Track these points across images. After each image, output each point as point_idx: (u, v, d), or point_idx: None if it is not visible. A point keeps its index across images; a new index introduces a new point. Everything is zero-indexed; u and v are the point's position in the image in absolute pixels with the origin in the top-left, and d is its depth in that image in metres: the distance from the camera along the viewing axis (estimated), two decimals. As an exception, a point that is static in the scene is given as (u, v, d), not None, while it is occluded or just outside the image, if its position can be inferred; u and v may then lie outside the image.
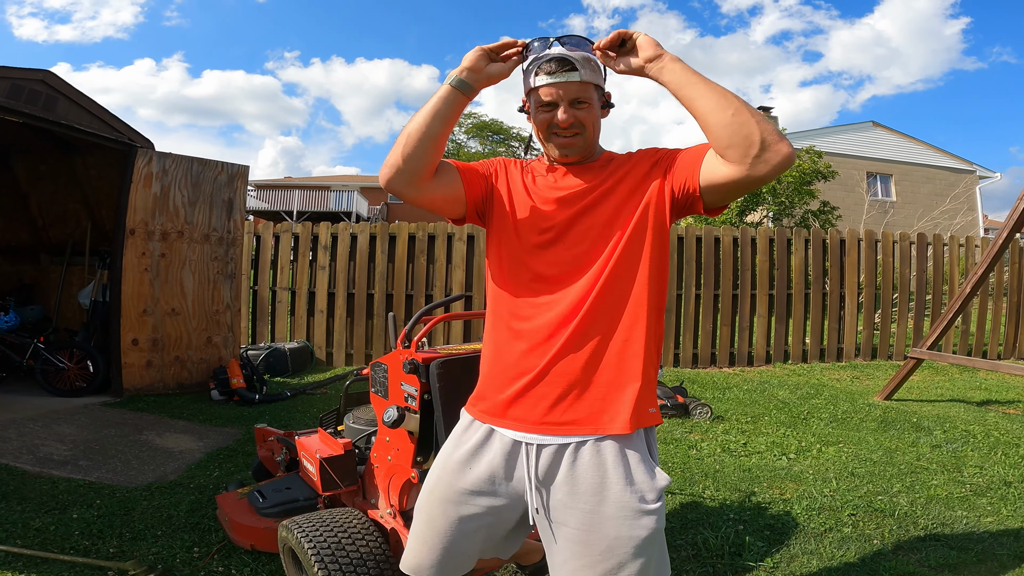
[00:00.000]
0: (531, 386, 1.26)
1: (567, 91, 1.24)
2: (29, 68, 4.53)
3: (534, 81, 1.26)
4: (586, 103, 1.26)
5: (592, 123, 1.28)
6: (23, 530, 2.57)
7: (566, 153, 1.30)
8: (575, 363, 1.23)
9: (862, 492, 3.16)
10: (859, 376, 6.63)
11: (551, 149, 1.31)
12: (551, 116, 1.26)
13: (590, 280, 1.24)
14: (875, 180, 19.15)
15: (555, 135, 1.28)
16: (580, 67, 1.23)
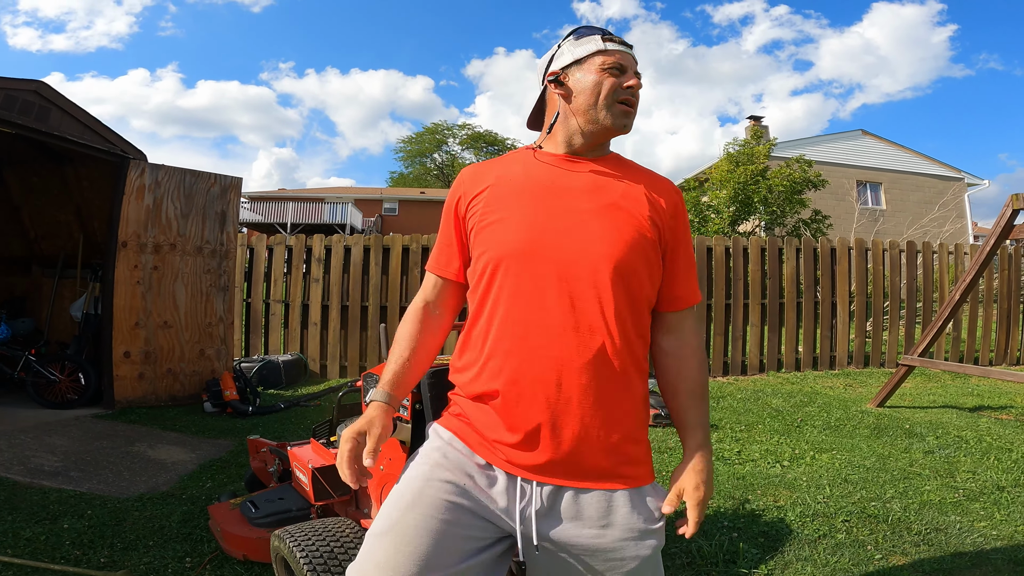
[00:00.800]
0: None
1: (632, 62, 1.22)
2: (22, 78, 4.50)
3: (604, 45, 1.20)
4: (639, 78, 1.23)
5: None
6: (13, 540, 2.55)
7: (625, 123, 1.20)
8: (594, 401, 1.17)
9: (855, 498, 3.17)
10: (852, 384, 6.66)
11: (611, 116, 1.19)
12: (619, 80, 1.19)
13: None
14: (865, 188, 19.34)
15: (621, 101, 1.19)
16: (633, 49, 1.25)
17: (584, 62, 1.21)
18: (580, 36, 1.23)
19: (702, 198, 14.34)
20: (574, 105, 1.21)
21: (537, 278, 1.11)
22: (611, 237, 1.13)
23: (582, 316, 1.10)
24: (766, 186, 13.28)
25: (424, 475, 1.15)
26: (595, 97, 1.18)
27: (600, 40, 1.21)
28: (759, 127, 17.10)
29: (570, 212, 1.15)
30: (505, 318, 1.14)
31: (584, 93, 1.19)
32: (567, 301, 1.10)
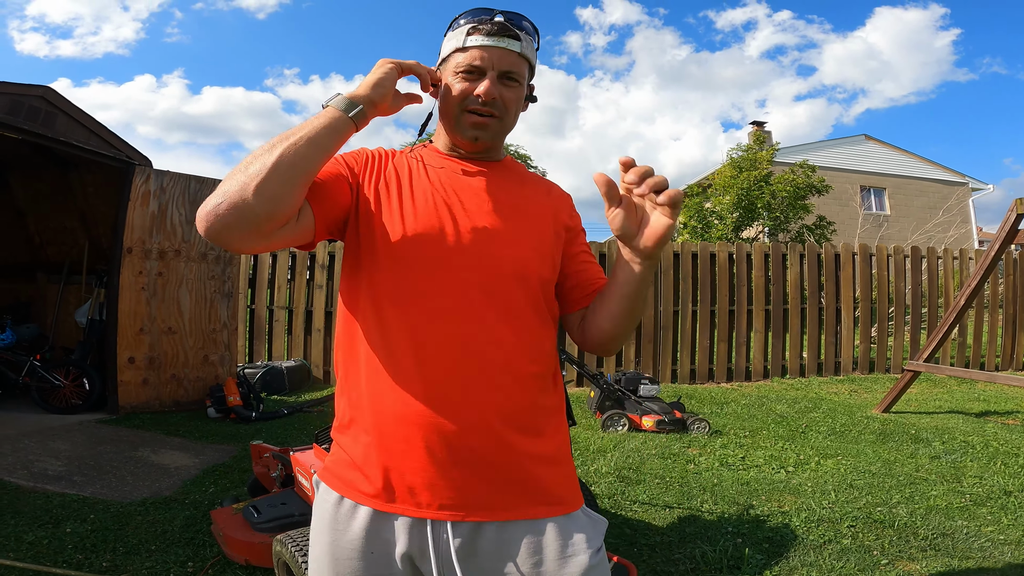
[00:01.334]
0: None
1: (501, 60, 1.03)
2: (29, 84, 4.52)
3: (464, 40, 1.04)
4: (517, 81, 1.05)
5: (515, 107, 1.08)
6: (16, 543, 2.55)
7: (476, 136, 1.05)
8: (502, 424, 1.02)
9: (861, 504, 3.15)
10: (857, 389, 6.63)
11: (459, 129, 1.06)
12: (472, 86, 1.03)
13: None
14: (869, 194, 19.30)
15: (469, 112, 1.04)
16: (522, 39, 1.05)
17: (447, 61, 1.07)
18: (454, 27, 1.07)
19: (705, 204, 14.34)
20: (440, 108, 1.10)
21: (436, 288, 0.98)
22: (514, 243, 1.04)
23: (490, 330, 0.98)
24: (769, 192, 13.28)
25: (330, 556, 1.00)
26: (446, 104, 1.06)
27: (464, 33, 1.04)
28: (762, 132, 17.13)
29: (467, 218, 1.03)
30: (399, 334, 0.97)
31: (443, 98, 1.08)
32: (470, 314, 0.97)
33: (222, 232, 0.86)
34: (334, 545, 0.99)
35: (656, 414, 4.75)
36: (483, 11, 1.06)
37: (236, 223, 0.85)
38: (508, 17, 1.05)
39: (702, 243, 7.52)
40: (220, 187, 0.87)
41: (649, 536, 2.78)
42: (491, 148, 1.11)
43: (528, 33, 1.07)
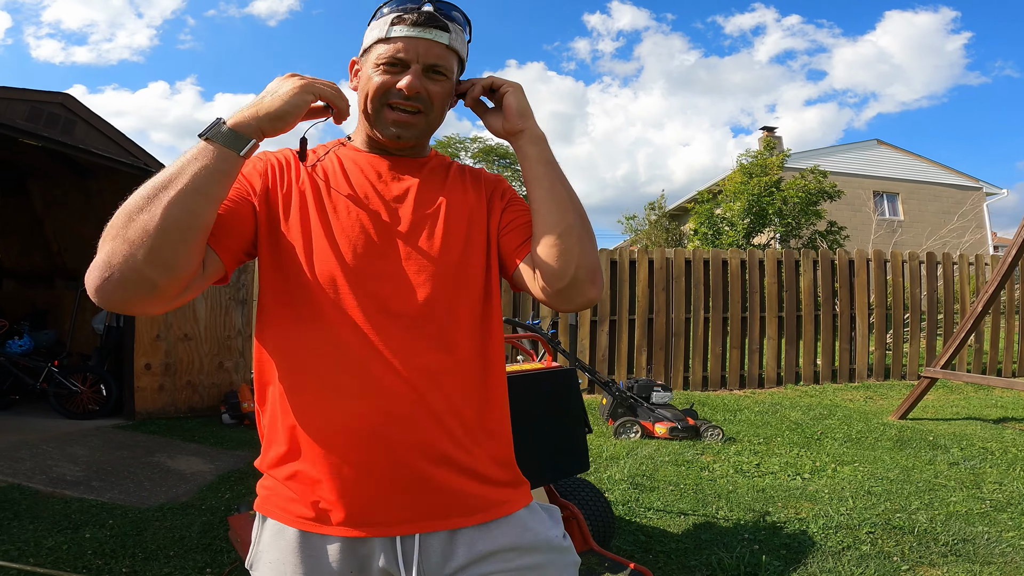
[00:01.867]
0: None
1: (427, 52, 0.94)
2: (48, 91, 4.57)
3: (387, 31, 0.94)
4: (444, 76, 0.97)
5: (441, 103, 0.99)
6: (36, 548, 2.58)
7: (398, 134, 0.97)
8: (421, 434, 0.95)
9: (880, 510, 3.11)
10: (872, 396, 6.57)
11: (379, 126, 0.97)
12: (394, 79, 0.94)
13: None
14: (882, 199, 19.15)
15: (390, 107, 0.95)
16: (451, 30, 0.96)
17: (368, 52, 0.98)
18: (378, 16, 0.98)
19: (716, 210, 14.28)
20: (359, 102, 1.01)
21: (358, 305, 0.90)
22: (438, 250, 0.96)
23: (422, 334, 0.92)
24: (780, 198, 13.21)
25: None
26: (371, 101, 0.97)
27: (388, 23, 0.95)
28: (772, 138, 17.07)
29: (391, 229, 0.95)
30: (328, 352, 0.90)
31: (360, 91, 1.00)
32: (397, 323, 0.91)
33: (123, 305, 0.80)
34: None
35: (669, 421, 4.72)
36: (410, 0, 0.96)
37: (135, 296, 0.78)
38: (437, 7, 0.96)
39: (714, 250, 7.50)
40: (100, 252, 0.77)
41: (664, 543, 2.77)
42: (415, 146, 1.02)
43: (459, 24, 0.99)
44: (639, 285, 7.15)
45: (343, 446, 0.89)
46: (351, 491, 0.89)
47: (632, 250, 7.40)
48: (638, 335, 7.10)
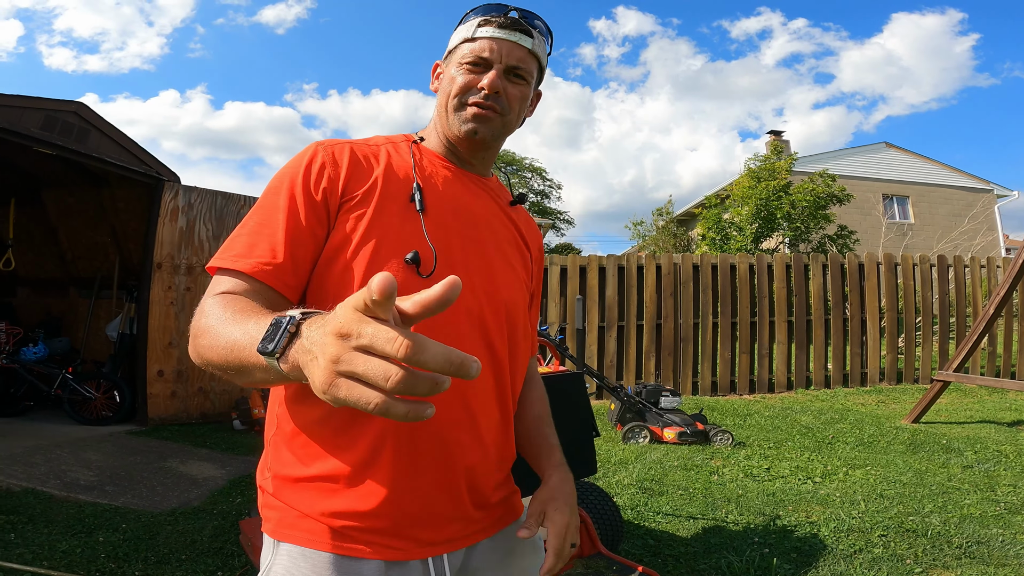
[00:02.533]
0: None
1: (510, 54, 0.96)
2: (62, 100, 4.61)
3: (474, 31, 0.96)
4: (524, 79, 0.98)
5: (519, 106, 0.99)
6: (50, 552, 2.60)
7: (476, 129, 0.95)
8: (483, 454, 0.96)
9: (892, 513, 3.09)
10: (885, 400, 6.51)
11: (456, 121, 0.97)
12: (477, 78, 0.95)
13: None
14: (892, 202, 19.01)
15: (468, 104, 0.96)
16: (534, 36, 0.99)
17: (454, 52, 1.00)
18: (464, 20, 1.00)
19: (724, 215, 14.25)
20: (438, 102, 1.01)
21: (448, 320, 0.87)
22: (511, 282, 0.98)
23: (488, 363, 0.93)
24: (789, 202, 13.16)
25: None
26: (445, 97, 0.98)
27: (475, 25, 0.97)
28: (779, 142, 17.04)
29: (482, 245, 0.96)
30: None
31: (441, 91, 1.00)
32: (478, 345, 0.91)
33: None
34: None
35: (678, 426, 4.71)
36: (497, 5, 0.99)
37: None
38: (523, 13, 0.99)
39: (722, 255, 7.49)
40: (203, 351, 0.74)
41: (673, 547, 2.76)
42: (489, 148, 1.02)
43: (541, 33, 1.01)
44: (647, 291, 7.14)
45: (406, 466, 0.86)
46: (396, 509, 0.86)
47: (640, 256, 7.39)
48: (646, 341, 7.08)
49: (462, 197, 0.97)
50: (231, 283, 0.81)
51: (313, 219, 0.86)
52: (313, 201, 0.87)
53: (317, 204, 0.87)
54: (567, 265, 7.12)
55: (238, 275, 0.82)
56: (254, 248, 0.83)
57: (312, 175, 0.88)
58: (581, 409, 2.06)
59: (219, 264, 0.84)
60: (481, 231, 0.97)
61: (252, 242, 0.84)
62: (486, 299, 0.93)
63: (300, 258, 0.85)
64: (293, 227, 0.85)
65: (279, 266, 0.83)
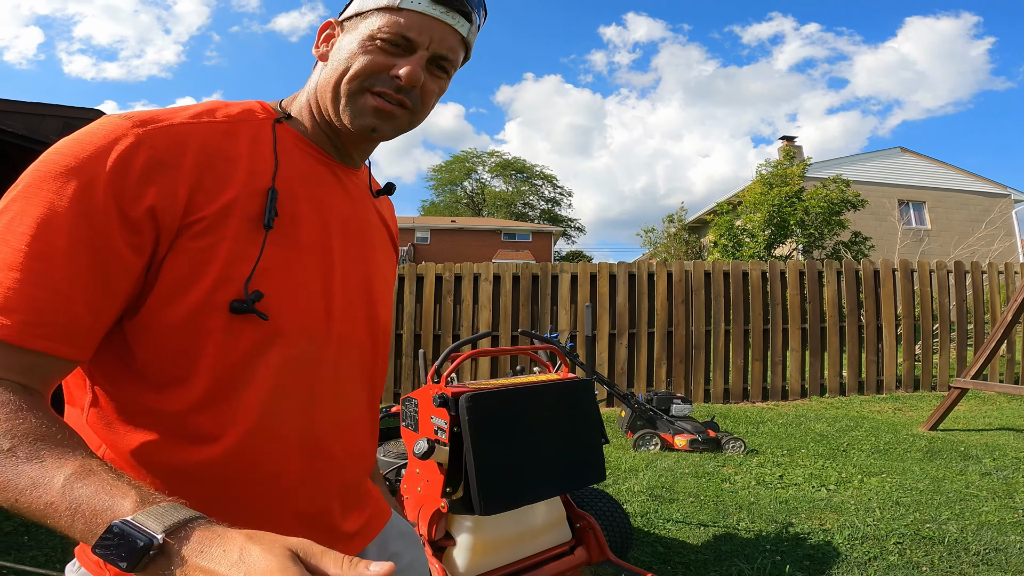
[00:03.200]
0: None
1: (442, 41, 0.77)
2: (81, 107, 4.74)
3: (400, 1, 0.75)
4: (447, 72, 0.81)
5: (432, 102, 0.81)
6: (62, 555, 2.62)
7: (373, 127, 0.77)
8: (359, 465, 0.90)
9: (908, 520, 3.03)
10: (901, 408, 6.40)
11: (351, 113, 0.77)
12: (390, 61, 0.75)
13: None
14: (907, 208, 18.81)
15: (372, 93, 0.76)
16: (472, 20, 0.80)
17: (363, 18, 0.77)
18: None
19: (736, 222, 14.17)
20: (320, 75, 0.80)
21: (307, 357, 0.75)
22: (378, 301, 0.87)
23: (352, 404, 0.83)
24: (802, 208, 13.07)
25: None
26: (339, 75, 0.76)
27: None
28: (792, 147, 16.96)
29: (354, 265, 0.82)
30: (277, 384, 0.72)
31: (334, 64, 0.78)
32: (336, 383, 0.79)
33: None
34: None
35: (689, 433, 4.66)
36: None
37: None
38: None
39: (734, 262, 7.44)
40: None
41: (684, 554, 2.72)
42: (374, 146, 0.86)
43: (480, 16, 0.83)
44: (658, 298, 7.11)
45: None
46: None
47: (651, 263, 7.37)
48: (657, 348, 7.04)
49: (329, 199, 0.80)
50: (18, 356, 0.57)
51: (126, 248, 0.62)
52: (128, 220, 0.62)
53: (135, 225, 0.62)
54: (577, 273, 7.12)
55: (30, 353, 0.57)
56: (24, 299, 0.57)
57: (130, 181, 0.62)
58: (590, 415, 2.05)
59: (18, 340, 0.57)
60: (347, 242, 0.81)
61: (22, 289, 0.57)
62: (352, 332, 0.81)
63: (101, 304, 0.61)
64: (92, 261, 0.60)
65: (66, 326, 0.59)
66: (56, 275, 0.58)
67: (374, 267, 0.87)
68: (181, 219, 0.65)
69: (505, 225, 33.75)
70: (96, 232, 0.60)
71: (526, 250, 32.22)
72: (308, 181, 0.78)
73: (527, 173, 43.93)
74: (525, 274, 7.09)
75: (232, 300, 0.66)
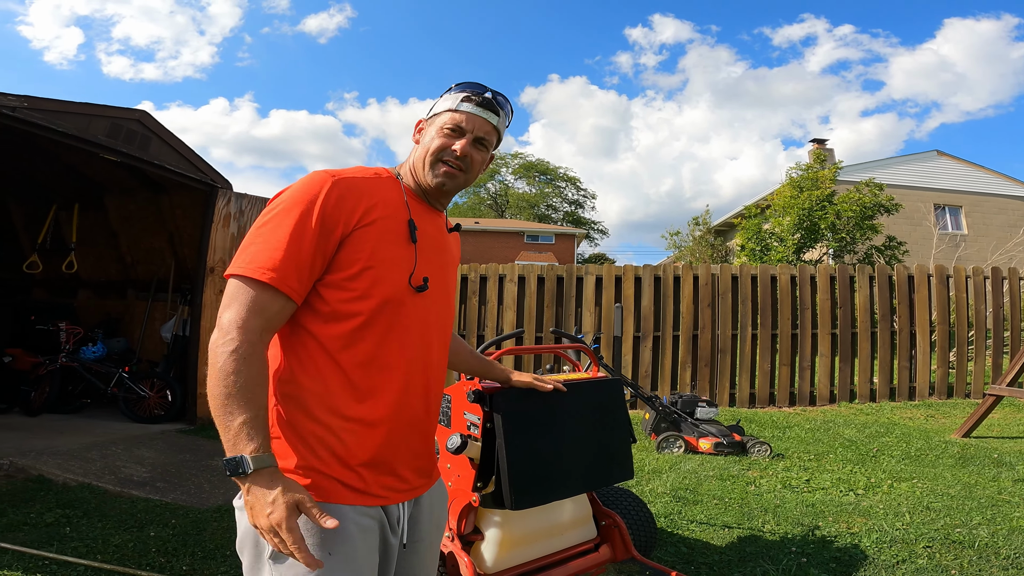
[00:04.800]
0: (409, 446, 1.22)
1: (479, 127, 1.25)
2: (127, 108, 4.78)
3: (457, 104, 1.25)
4: (486, 147, 1.29)
5: (478, 169, 1.28)
6: (103, 546, 2.72)
7: (443, 184, 1.25)
8: (434, 419, 1.29)
9: (938, 525, 2.99)
10: (934, 415, 6.27)
11: (428, 175, 1.25)
12: (451, 142, 1.24)
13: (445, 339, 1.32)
14: (943, 212, 18.32)
15: (442, 162, 1.24)
16: (500, 115, 1.29)
17: (437, 116, 1.28)
18: (453, 91, 1.28)
19: (764, 226, 13.97)
20: (415, 153, 1.29)
21: (419, 319, 1.20)
22: (452, 302, 1.35)
23: (439, 352, 1.27)
24: (833, 212, 12.83)
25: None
26: (424, 151, 1.26)
27: (459, 99, 1.26)
28: (823, 151, 16.64)
29: (443, 277, 1.28)
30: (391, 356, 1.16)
31: (421, 146, 1.28)
32: (426, 349, 1.22)
33: None
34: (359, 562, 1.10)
35: (714, 436, 4.65)
36: (478, 85, 1.28)
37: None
38: (495, 95, 1.28)
39: (762, 266, 7.36)
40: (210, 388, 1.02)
41: (707, 555, 2.73)
42: (450, 196, 1.32)
43: (507, 113, 1.31)
44: (683, 301, 7.08)
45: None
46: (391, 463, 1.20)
47: (676, 266, 7.33)
48: (682, 351, 7.00)
49: (432, 231, 1.27)
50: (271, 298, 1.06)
51: (316, 246, 1.09)
52: (326, 225, 1.10)
53: (328, 227, 1.10)
54: (602, 275, 7.12)
55: (253, 283, 1.06)
56: (288, 271, 1.07)
57: (329, 203, 1.11)
58: (619, 414, 2.08)
59: (237, 272, 1.07)
60: (443, 257, 1.29)
61: (282, 264, 1.07)
62: (445, 311, 1.29)
63: (306, 276, 1.09)
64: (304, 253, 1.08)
65: (296, 287, 1.08)
66: (297, 256, 1.07)
67: (451, 273, 1.34)
68: (354, 224, 1.13)
69: (528, 227, 33.72)
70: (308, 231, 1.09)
71: (549, 252, 32.16)
72: (422, 217, 1.25)
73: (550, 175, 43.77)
74: (550, 275, 7.12)
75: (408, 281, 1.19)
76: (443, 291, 1.28)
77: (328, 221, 1.10)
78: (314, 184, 1.12)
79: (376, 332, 1.13)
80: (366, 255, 1.12)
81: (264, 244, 1.07)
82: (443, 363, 1.31)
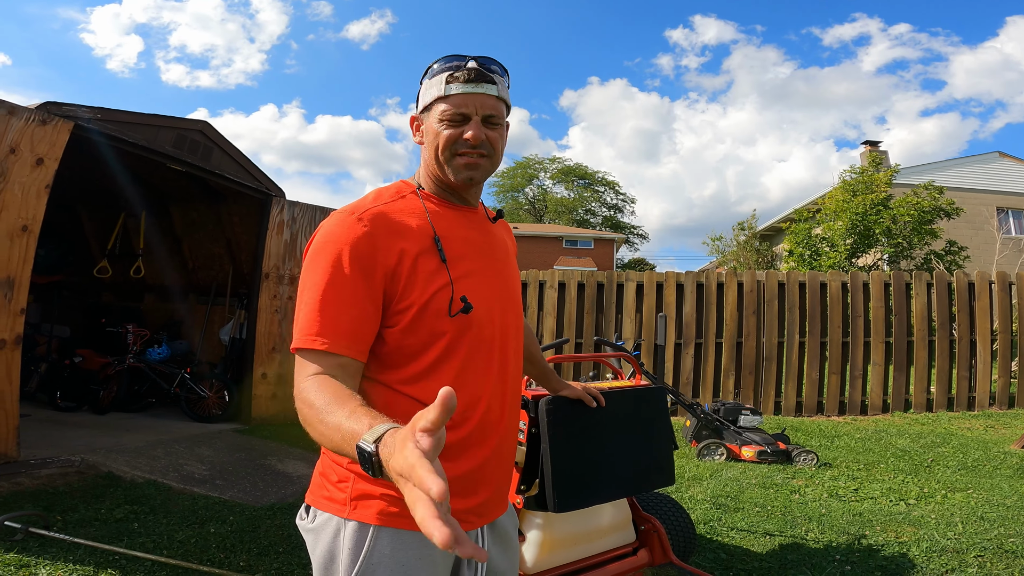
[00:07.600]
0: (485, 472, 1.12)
1: (482, 104, 1.08)
2: (190, 118, 5.00)
3: (444, 89, 1.08)
4: (498, 124, 1.12)
5: (500, 146, 1.13)
6: (168, 541, 2.85)
7: (470, 177, 1.10)
8: (512, 441, 1.19)
9: (992, 535, 2.90)
10: (994, 425, 6.00)
11: (450, 173, 1.10)
12: (459, 131, 1.08)
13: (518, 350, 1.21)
14: (1007, 216, 17.40)
15: (459, 155, 1.09)
16: (497, 82, 1.10)
17: (430, 109, 1.11)
18: (430, 75, 1.11)
19: (814, 230, 13.57)
20: (424, 154, 1.15)
21: (485, 342, 1.10)
22: (517, 299, 1.22)
23: (511, 377, 1.16)
24: (889, 216, 12.38)
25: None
26: (434, 150, 1.10)
27: (443, 82, 1.08)
28: (877, 153, 16.05)
29: (498, 276, 1.16)
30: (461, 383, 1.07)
31: (427, 145, 1.12)
32: (502, 361, 1.14)
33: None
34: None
35: (758, 444, 4.59)
36: (455, 57, 1.10)
37: None
38: (480, 62, 1.10)
39: (810, 272, 7.20)
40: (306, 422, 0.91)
41: (747, 562, 2.72)
42: (480, 188, 1.18)
43: (500, 75, 1.12)
44: (727, 308, 6.98)
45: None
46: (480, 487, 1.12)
47: (720, 272, 7.24)
48: (725, 359, 6.91)
49: (469, 234, 1.14)
50: (316, 362, 0.97)
51: (367, 297, 1.01)
52: (368, 272, 1.01)
53: (371, 275, 1.01)
54: (643, 281, 7.10)
55: (318, 354, 0.97)
56: (351, 332, 0.99)
57: (362, 247, 1.01)
58: (662, 421, 2.10)
59: (301, 345, 0.98)
60: (489, 260, 1.15)
61: (324, 320, 0.98)
62: (507, 323, 1.16)
63: (364, 327, 1.01)
64: (358, 309, 1.00)
65: (349, 340, 0.99)
66: (341, 311, 0.99)
67: (508, 272, 1.21)
68: (393, 266, 1.03)
69: (567, 232, 33.58)
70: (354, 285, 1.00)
71: (587, 257, 31.93)
72: (453, 223, 1.12)
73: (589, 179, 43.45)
74: (590, 282, 7.14)
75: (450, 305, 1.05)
76: (501, 292, 1.15)
77: (366, 265, 1.01)
78: (342, 231, 1.02)
79: (450, 365, 1.05)
80: (415, 295, 1.03)
81: (307, 310, 1.00)
82: (519, 372, 1.21)
